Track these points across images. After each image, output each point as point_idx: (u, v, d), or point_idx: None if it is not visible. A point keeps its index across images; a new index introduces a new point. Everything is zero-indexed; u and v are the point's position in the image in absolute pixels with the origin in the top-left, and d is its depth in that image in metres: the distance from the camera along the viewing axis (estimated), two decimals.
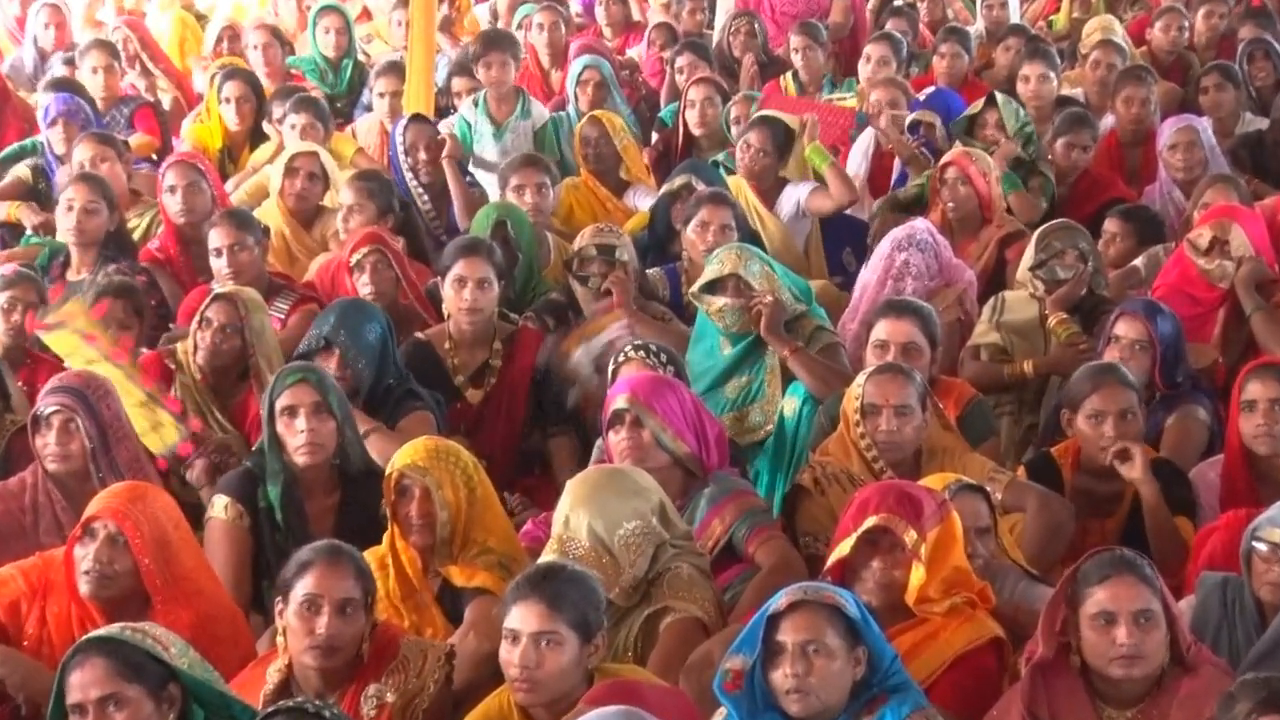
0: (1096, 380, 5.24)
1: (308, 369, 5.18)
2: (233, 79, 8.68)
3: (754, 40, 9.76)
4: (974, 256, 7.06)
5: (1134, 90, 8.23)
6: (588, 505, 4.49)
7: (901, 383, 5.16)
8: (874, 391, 5.15)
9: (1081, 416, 5.23)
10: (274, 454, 5.06)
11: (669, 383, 5.15)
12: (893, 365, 5.30)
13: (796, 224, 7.49)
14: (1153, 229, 7.11)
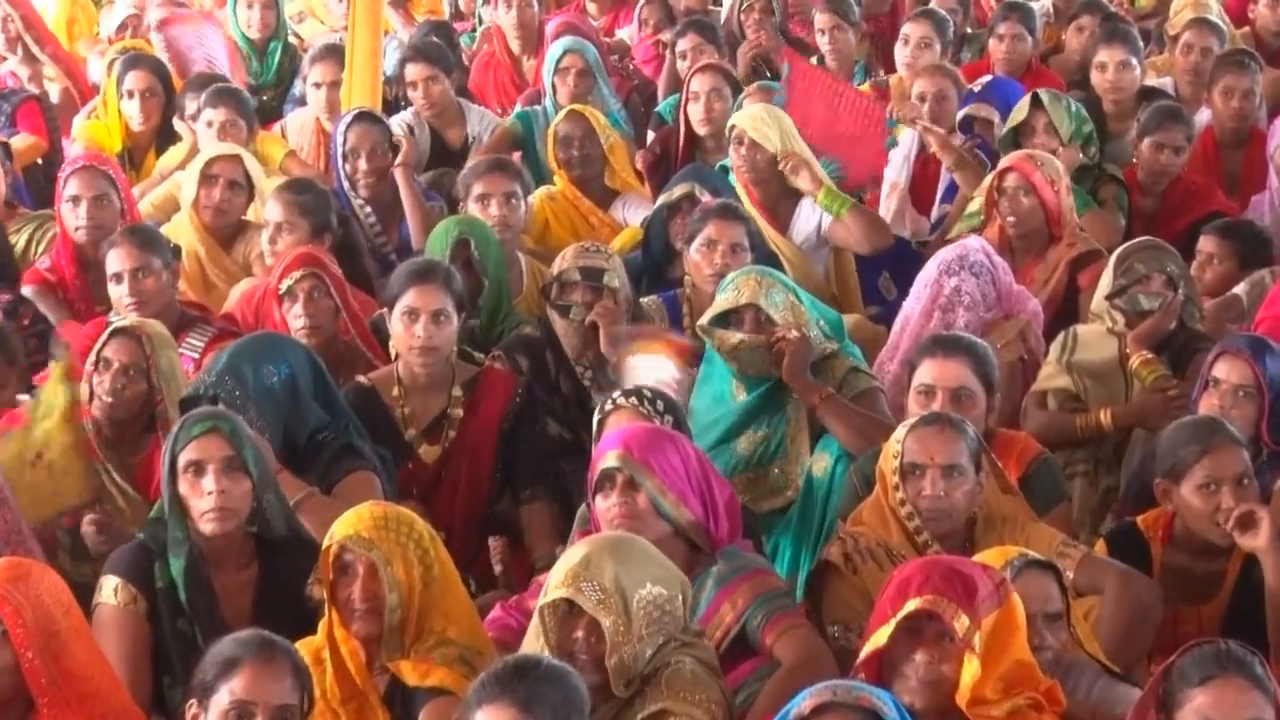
0: (1205, 442, 5.22)
1: (217, 416, 5.15)
2: (136, 68, 8.70)
3: (770, 19, 9.80)
4: (1039, 282, 7.11)
5: (1235, 80, 8.28)
6: (614, 553, 4.48)
7: (950, 437, 5.16)
8: (916, 448, 5.16)
9: (1189, 487, 5.21)
10: (176, 520, 5.04)
11: (669, 436, 5.17)
12: (939, 416, 5.29)
13: (816, 248, 7.54)
14: (1258, 249, 7.17)
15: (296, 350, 5.85)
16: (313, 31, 10.50)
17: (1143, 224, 7.70)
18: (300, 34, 10.37)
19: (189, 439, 5.05)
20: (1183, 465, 5.23)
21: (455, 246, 6.82)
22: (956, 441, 5.15)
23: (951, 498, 5.11)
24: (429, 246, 6.96)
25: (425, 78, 8.82)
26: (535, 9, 9.87)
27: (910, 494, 5.13)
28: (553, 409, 6.42)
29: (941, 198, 8.38)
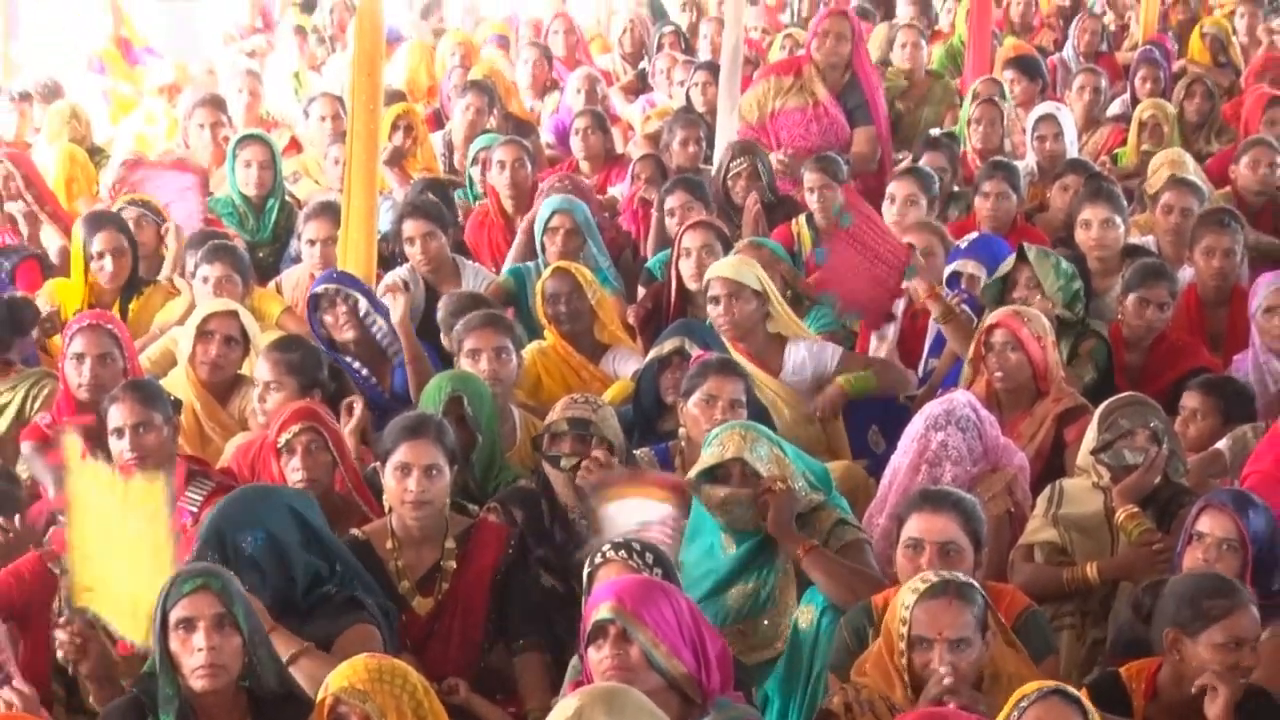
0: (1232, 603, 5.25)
1: (208, 573, 5.16)
2: (101, 229, 8.59)
3: (758, 181, 9.90)
4: (1026, 436, 7.14)
5: (1216, 239, 8.33)
6: (607, 704, 4.48)
7: (958, 610, 5.20)
8: (925, 621, 5.19)
9: (1207, 644, 5.24)
10: (167, 676, 5.06)
11: (661, 588, 5.18)
12: (947, 586, 5.27)
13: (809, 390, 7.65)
14: (1241, 405, 7.20)
15: (276, 510, 5.82)
16: (308, 190, 10.60)
17: (1128, 379, 7.75)
18: (295, 193, 10.46)
19: (179, 596, 5.08)
20: (1207, 619, 5.25)
21: (448, 402, 6.86)
22: (964, 614, 5.20)
23: (959, 670, 5.15)
24: (423, 401, 6.99)
25: (423, 234, 8.89)
26: (528, 169, 9.93)
27: (918, 664, 5.17)
28: (546, 560, 6.44)
29: (929, 352, 8.43)
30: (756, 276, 7.76)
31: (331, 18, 15.30)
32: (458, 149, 11.21)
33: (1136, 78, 12.49)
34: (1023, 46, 13.63)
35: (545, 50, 13.37)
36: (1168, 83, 12.39)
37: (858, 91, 10.73)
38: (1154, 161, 10.25)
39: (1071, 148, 10.85)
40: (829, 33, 10.70)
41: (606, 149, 11.13)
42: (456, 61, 13.06)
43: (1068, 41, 14.42)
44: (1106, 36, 14.49)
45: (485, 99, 11.30)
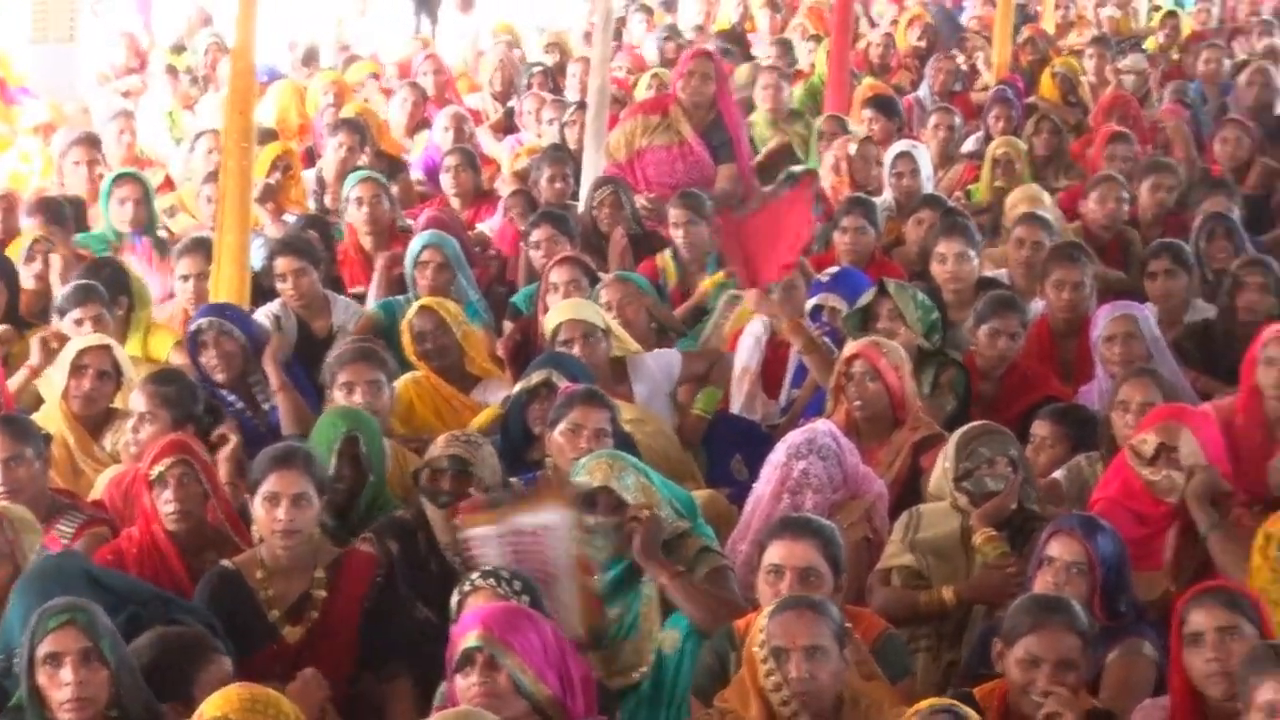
0: (1039, 617, 5.30)
1: (74, 608, 5.12)
2: None
3: (621, 212, 9.94)
4: (885, 464, 7.18)
5: (1066, 272, 8.42)
6: None
7: (810, 619, 5.21)
8: (779, 632, 5.21)
9: (1014, 657, 5.30)
10: (35, 711, 5.03)
11: (527, 615, 5.19)
12: (800, 599, 5.33)
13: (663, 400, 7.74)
14: (1090, 433, 7.27)
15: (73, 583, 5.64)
16: (183, 226, 10.53)
17: (981, 408, 7.79)
18: (171, 228, 10.39)
19: (45, 632, 5.05)
20: (1015, 632, 5.31)
21: (345, 442, 6.84)
22: (818, 623, 5.21)
23: (818, 679, 5.16)
24: (316, 438, 6.91)
25: (294, 270, 8.82)
26: (385, 206, 9.89)
27: (780, 676, 5.18)
28: (422, 591, 6.40)
29: (791, 382, 8.47)
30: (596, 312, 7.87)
31: (205, 58, 15.20)
32: (329, 187, 11.15)
33: (990, 116, 12.62)
34: (880, 86, 13.74)
35: (421, 90, 13.34)
36: (1019, 121, 12.53)
37: (722, 130, 10.81)
38: (1011, 197, 10.34)
39: (927, 184, 10.94)
40: (694, 73, 10.77)
41: (476, 186, 11.13)
42: (329, 100, 13.01)
43: (923, 81, 14.56)
44: (960, 77, 14.64)
45: (357, 137, 11.26)
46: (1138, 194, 10.31)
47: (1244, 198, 10.73)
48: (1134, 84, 14.28)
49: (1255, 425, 7.24)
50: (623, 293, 8.36)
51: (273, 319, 8.57)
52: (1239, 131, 11.69)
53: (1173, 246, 8.97)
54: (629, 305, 8.32)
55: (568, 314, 7.87)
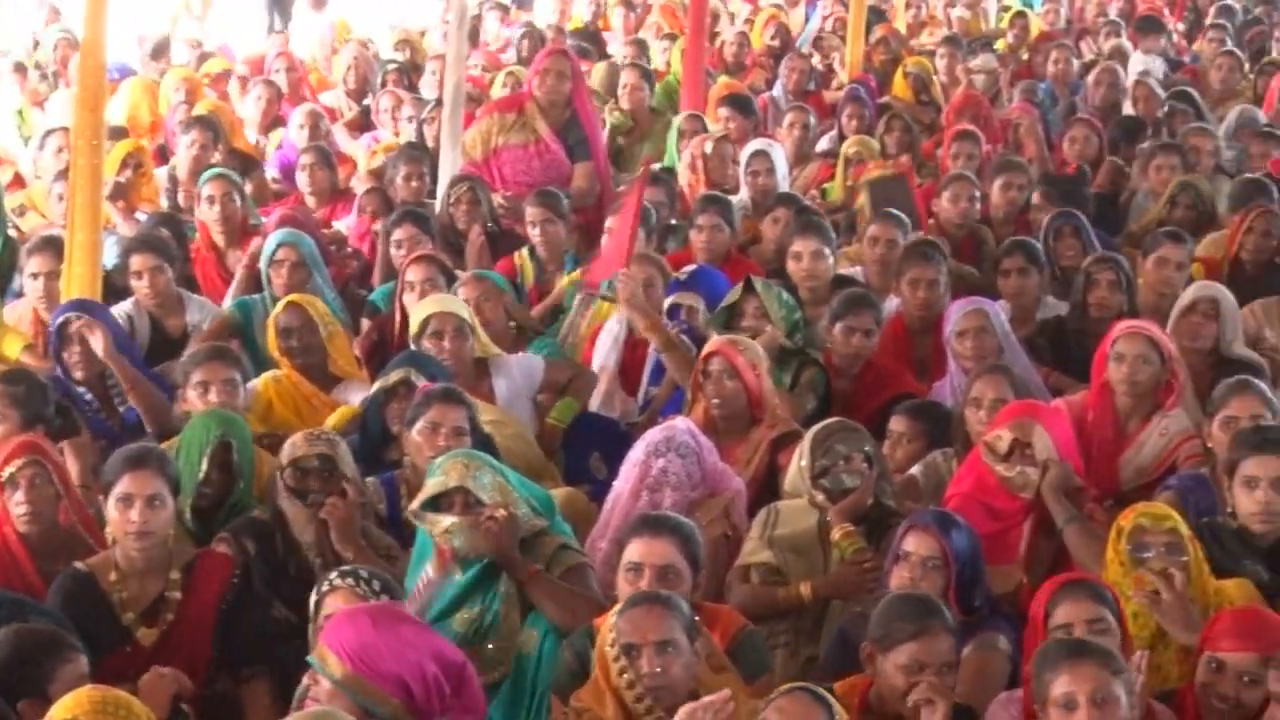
0: (919, 623, 5.32)
1: None
2: None
3: (478, 210, 9.91)
4: (743, 461, 7.18)
5: (920, 270, 8.47)
6: None
7: (660, 614, 5.23)
8: (629, 628, 5.22)
9: (894, 662, 5.31)
10: None
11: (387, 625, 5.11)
12: (649, 594, 5.36)
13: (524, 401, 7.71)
14: (946, 429, 7.31)
15: None
16: (33, 224, 10.38)
17: (839, 405, 7.82)
18: (20, 226, 10.24)
19: None
20: (893, 639, 5.32)
21: (218, 448, 6.76)
22: (667, 618, 5.22)
23: (669, 673, 5.18)
24: (184, 443, 6.82)
25: (149, 267, 8.73)
26: (237, 204, 9.79)
27: (633, 673, 5.18)
28: (279, 590, 6.35)
29: (649, 380, 8.47)
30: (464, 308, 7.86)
31: (54, 54, 14.99)
32: (182, 184, 11.03)
33: (843, 115, 12.67)
34: (735, 85, 13.77)
35: (276, 87, 13.23)
36: (873, 120, 12.61)
37: (578, 128, 10.77)
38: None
39: (782, 182, 10.97)
40: (549, 71, 10.73)
41: (331, 184, 11.05)
42: (182, 98, 12.87)
43: (778, 80, 14.61)
44: (814, 76, 14.71)
45: (210, 135, 11.14)
46: (989, 193, 10.39)
47: (1093, 196, 10.85)
48: (985, 84, 14.40)
49: (1106, 421, 7.33)
50: (480, 291, 8.33)
51: (125, 319, 8.47)
52: (1088, 131, 11.84)
53: (1025, 244, 9.07)
54: (486, 303, 8.29)
55: (439, 306, 7.83)
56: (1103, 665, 4.95)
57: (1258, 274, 9.32)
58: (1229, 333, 7.97)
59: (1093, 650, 5.02)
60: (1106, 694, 4.90)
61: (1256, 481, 6.24)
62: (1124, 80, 13.78)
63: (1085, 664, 4.94)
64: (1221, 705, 5.31)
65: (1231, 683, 5.31)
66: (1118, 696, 4.93)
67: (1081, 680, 4.91)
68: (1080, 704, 4.90)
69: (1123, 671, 4.99)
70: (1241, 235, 9.42)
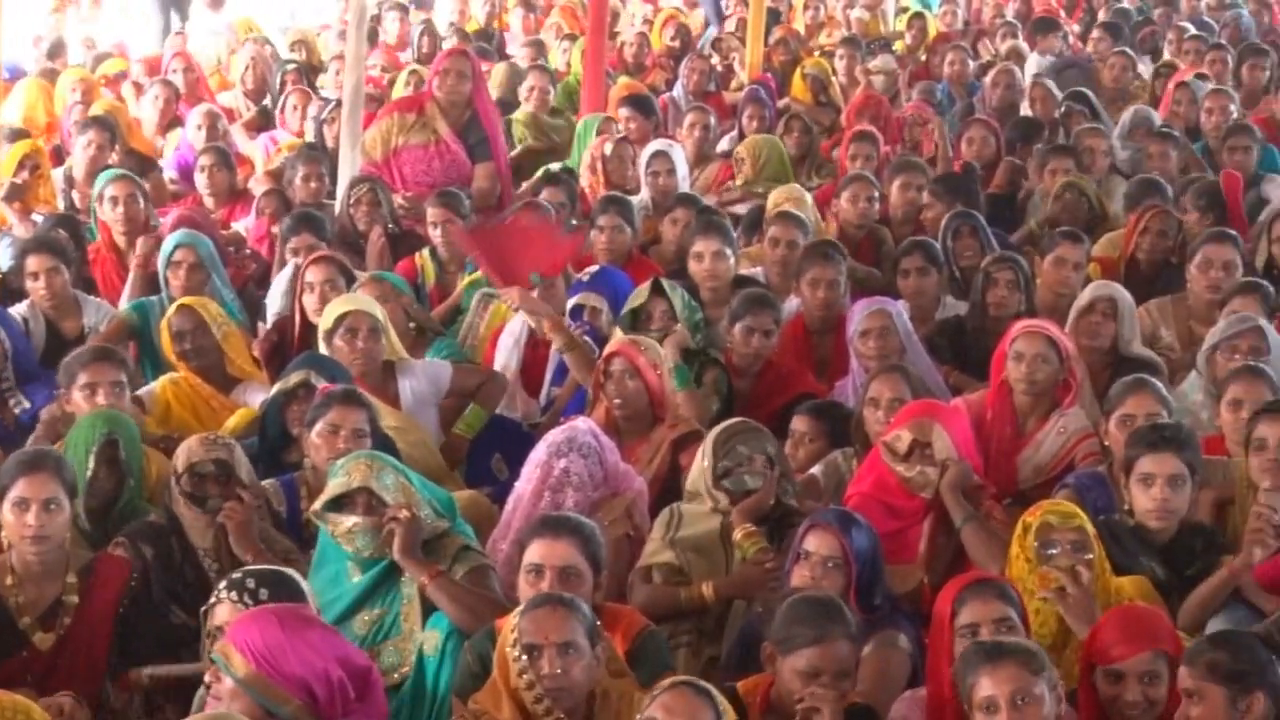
0: (819, 630, 5.31)
1: None
2: None
3: (379, 211, 9.87)
4: (644, 461, 7.20)
5: (820, 271, 8.48)
6: None
7: (563, 616, 5.22)
8: (531, 628, 5.21)
9: (792, 667, 5.31)
10: None
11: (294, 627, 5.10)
12: (552, 596, 5.36)
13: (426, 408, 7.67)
14: (847, 429, 7.33)
15: None
16: None
17: (740, 405, 7.84)
18: None
19: None
20: (791, 644, 5.32)
21: (104, 445, 6.70)
22: (570, 620, 5.22)
23: (569, 675, 5.18)
24: (71, 443, 6.75)
25: (46, 269, 8.65)
26: (140, 205, 9.70)
27: (533, 674, 5.18)
28: (177, 596, 6.31)
29: (551, 381, 8.46)
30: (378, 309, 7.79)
31: None
32: (78, 185, 10.93)
33: (744, 116, 12.72)
34: (635, 85, 13.79)
35: (173, 87, 13.13)
36: (772, 120, 12.64)
37: (478, 128, 10.76)
38: (775, 195, 10.39)
39: (683, 183, 10.99)
40: (449, 71, 10.71)
41: (230, 185, 10.97)
42: (78, 98, 12.76)
43: (678, 81, 14.64)
44: (714, 77, 14.74)
45: (106, 135, 11.04)
46: (888, 193, 10.43)
47: (990, 196, 10.93)
48: (883, 84, 14.48)
49: (1005, 419, 7.38)
50: (379, 292, 8.28)
51: (21, 320, 8.39)
52: (985, 131, 11.91)
53: (924, 244, 9.11)
54: (385, 305, 8.25)
55: (353, 305, 7.77)
56: (1023, 665, 4.95)
57: (1153, 273, 9.40)
58: (1127, 332, 8.04)
59: (1013, 651, 5.03)
60: (1028, 695, 4.91)
61: (1152, 479, 6.29)
62: (1021, 81, 13.87)
63: (1005, 665, 4.95)
64: (1132, 713, 5.32)
65: (1135, 688, 5.31)
66: (1040, 696, 4.93)
67: (1002, 682, 4.92)
68: (1001, 706, 4.91)
69: (1044, 670, 4.99)
70: (1137, 235, 9.50)
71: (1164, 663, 5.33)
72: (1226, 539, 6.48)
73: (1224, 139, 11.59)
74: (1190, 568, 6.26)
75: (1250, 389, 7.04)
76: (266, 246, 10.02)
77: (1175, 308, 8.78)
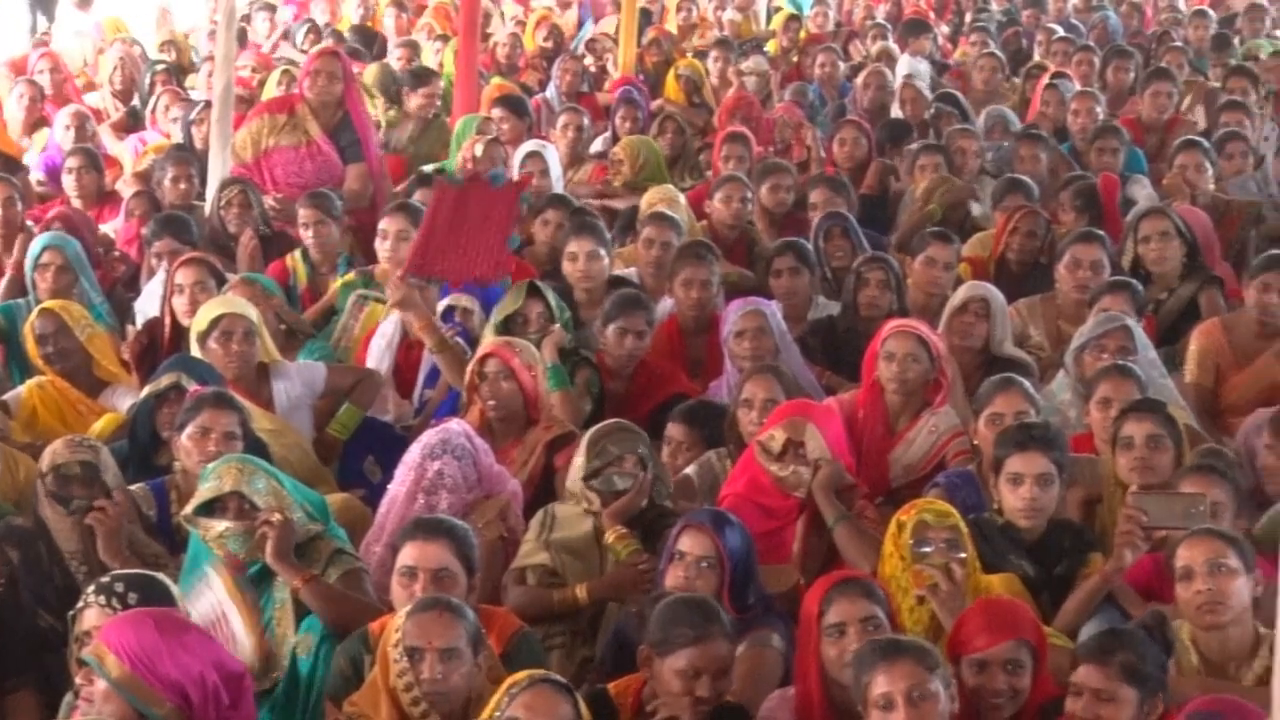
0: (699, 630, 5.32)
1: None
2: None
3: (250, 212, 9.79)
4: (519, 463, 7.20)
5: (693, 271, 8.50)
6: None
7: (448, 621, 5.22)
8: (416, 631, 5.21)
9: (672, 667, 5.31)
10: None
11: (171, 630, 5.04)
12: (439, 600, 5.34)
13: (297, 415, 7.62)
14: (721, 430, 7.33)
15: None
16: None
17: (613, 406, 7.85)
18: None
19: None
20: (668, 644, 5.32)
21: None
22: (455, 625, 5.22)
23: (449, 680, 5.18)
24: None
25: None
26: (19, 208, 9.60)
27: (413, 676, 5.17)
28: (45, 600, 6.24)
29: (424, 383, 8.43)
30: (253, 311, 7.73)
31: None
32: None
33: (617, 116, 12.72)
34: (508, 86, 13.76)
35: (39, 87, 12.97)
36: (646, 121, 12.65)
37: (350, 130, 10.68)
38: (649, 196, 10.39)
39: (556, 183, 10.98)
40: (320, 72, 10.63)
41: (99, 187, 10.84)
42: None
43: (551, 82, 14.62)
44: (587, 78, 14.73)
45: None
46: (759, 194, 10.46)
47: (861, 197, 10.98)
48: (756, 85, 14.51)
49: (877, 419, 7.42)
50: (250, 294, 8.21)
51: None
52: (856, 133, 11.96)
53: (795, 245, 9.15)
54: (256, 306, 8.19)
55: (229, 308, 7.70)
56: (919, 663, 4.99)
57: (1023, 273, 9.48)
58: (999, 332, 8.11)
59: (908, 648, 5.07)
60: (923, 691, 4.95)
61: (1021, 478, 6.35)
62: (891, 83, 13.95)
63: (901, 663, 4.99)
64: (998, 700, 5.38)
65: (999, 676, 5.38)
66: (935, 693, 4.97)
67: (898, 679, 4.96)
68: (898, 703, 4.94)
69: (939, 667, 5.03)
70: (1007, 235, 9.58)
71: (1027, 652, 5.41)
72: (1094, 536, 6.55)
73: (1091, 140, 11.71)
74: (1058, 565, 6.32)
75: (1118, 387, 7.12)
76: (136, 248, 9.92)
77: (1044, 307, 8.87)
